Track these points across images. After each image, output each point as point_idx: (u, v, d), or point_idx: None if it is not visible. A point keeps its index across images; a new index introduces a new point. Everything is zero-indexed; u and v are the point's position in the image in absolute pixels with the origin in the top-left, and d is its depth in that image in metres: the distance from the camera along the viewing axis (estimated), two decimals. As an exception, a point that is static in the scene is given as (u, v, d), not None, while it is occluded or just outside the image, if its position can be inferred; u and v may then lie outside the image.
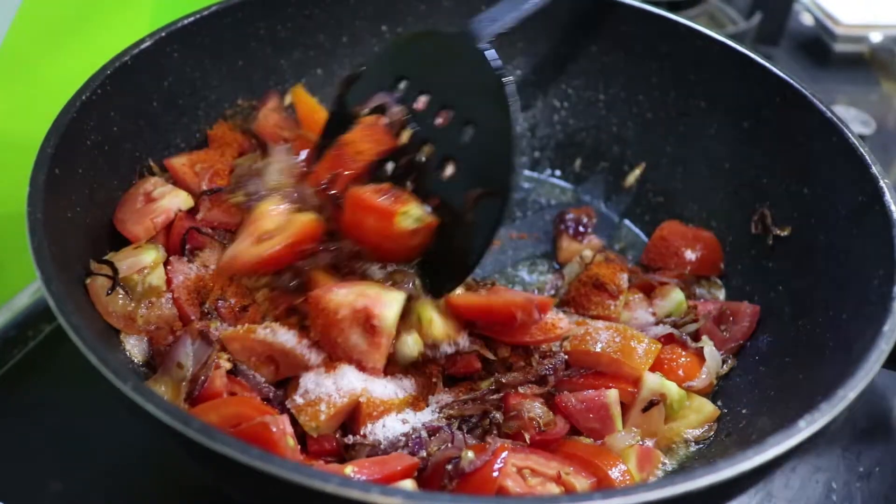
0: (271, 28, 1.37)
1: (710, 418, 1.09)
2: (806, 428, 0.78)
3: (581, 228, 1.39)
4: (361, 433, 0.99)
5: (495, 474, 0.91)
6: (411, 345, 1.04)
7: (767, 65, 1.25)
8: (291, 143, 1.27)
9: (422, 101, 1.11)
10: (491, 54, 1.05)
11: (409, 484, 0.93)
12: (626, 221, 1.47)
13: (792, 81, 1.21)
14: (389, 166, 1.13)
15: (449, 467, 0.93)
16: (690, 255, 1.30)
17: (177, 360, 0.98)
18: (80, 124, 1.05)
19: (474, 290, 1.14)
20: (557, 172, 1.54)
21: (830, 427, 0.80)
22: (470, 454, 0.94)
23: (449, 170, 1.08)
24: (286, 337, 1.01)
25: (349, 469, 0.91)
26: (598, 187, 1.51)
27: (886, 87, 2.03)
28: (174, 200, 1.16)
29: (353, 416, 1.00)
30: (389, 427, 1.00)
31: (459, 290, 1.09)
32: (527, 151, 1.55)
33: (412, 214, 1.05)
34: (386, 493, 0.69)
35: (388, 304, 1.01)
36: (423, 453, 0.98)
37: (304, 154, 1.21)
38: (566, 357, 1.10)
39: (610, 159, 1.49)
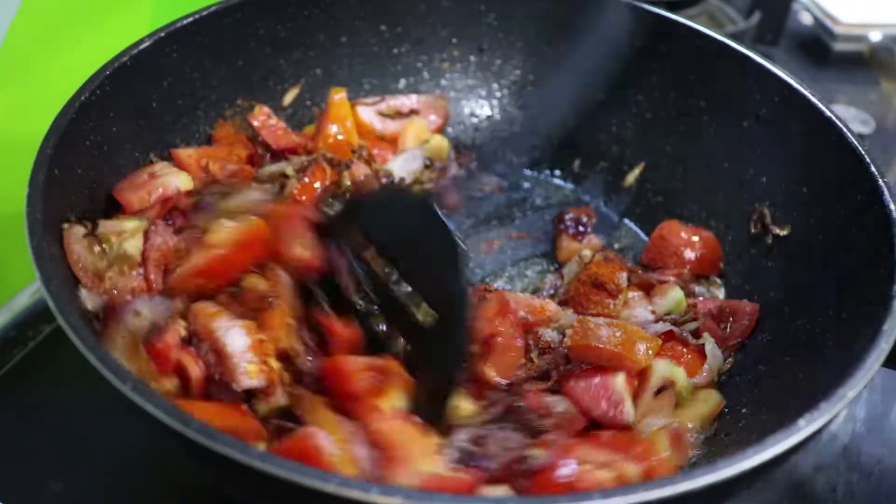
0: (271, 28, 1.37)
1: (718, 408, 1.09)
2: (806, 427, 0.78)
3: (580, 228, 1.39)
4: None
5: (568, 469, 0.91)
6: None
7: (767, 64, 1.25)
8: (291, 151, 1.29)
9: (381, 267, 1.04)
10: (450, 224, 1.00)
11: (502, 490, 0.91)
12: (626, 221, 1.47)
13: (791, 81, 1.22)
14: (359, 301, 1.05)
15: (519, 467, 0.93)
16: (690, 254, 1.30)
17: (134, 308, 0.96)
18: (80, 125, 1.05)
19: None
20: (557, 172, 1.54)
21: (830, 426, 0.80)
22: (537, 451, 0.94)
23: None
24: (235, 340, 0.94)
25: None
26: (597, 187, 1.51)
27: (886, 87, 2.03)
28: (174, 179, 1.16)
29: None
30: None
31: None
32: (526, 151, 1.55)
33: (391, 404, 0.97)
34: (386, 493, 0.69)
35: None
36: (486, 463, 0.94)
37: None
38: (566, 351, 1.10)
39: (609, 159, 1.49)
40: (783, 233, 1.22)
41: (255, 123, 1.33)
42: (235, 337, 0.96)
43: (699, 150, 1.38)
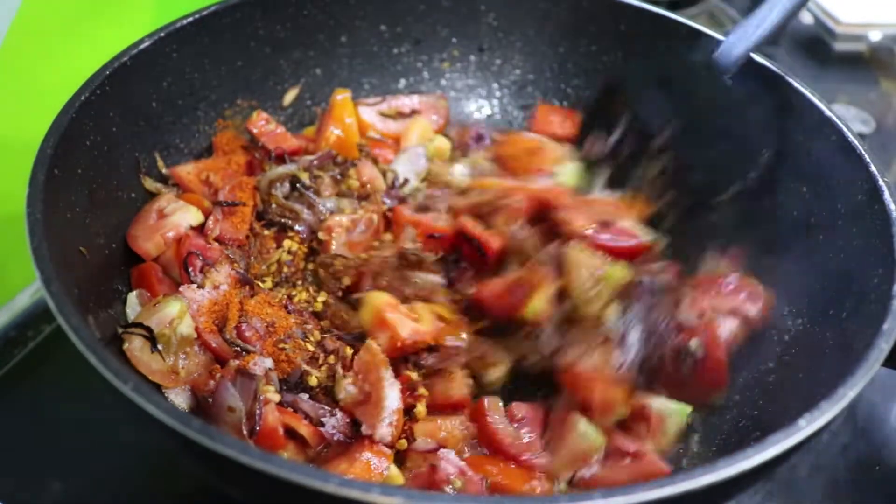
0: (270, 28, 1.37)
1: None
2: (806, 427, 0.78)
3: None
4: None
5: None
6: None
7: (767, 64, 1.25)
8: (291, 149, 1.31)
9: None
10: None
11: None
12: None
13: (792, 80, 1.21)
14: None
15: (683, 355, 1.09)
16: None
17: (226, 405, 0.96)
18: (80, 124, 1.05)
19: None
20: (557, 172, 1.54)
21: (831, 425, 0.80)
22: (695, 341, 1.09)
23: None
24: (393, 398, 1.02)
25: None
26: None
27: (886, 86, 2.03)
28: (184, 217, 1.17)
29: None
30: None
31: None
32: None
33: (534, 308, 1.10)
34: (386, 493, 0.69)
35: None
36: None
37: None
38: None
39: (609, 158, 1.49)
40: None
41: (254, 130, 1.32)
42: (394, 396, 1.02)
43: (698, 149, 1.37)
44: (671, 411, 1.08)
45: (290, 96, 1.44)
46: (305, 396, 1.03)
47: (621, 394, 1.05)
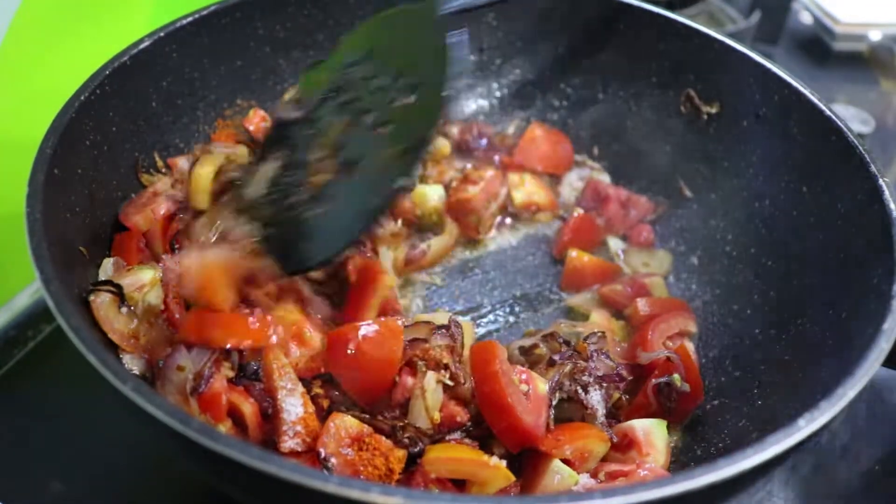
0: (270, 28, 1.37)
1: None
2: (805, 426, 0.78)
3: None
4: None
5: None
6: None
7: (766, 63, 1.25)
8: None
9: (369, 69, 1.14)
10: (443, 19, 1.09)
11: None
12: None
13: (791, 80, 1.21)
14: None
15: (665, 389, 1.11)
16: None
17: (175, 365, 0.97)
18: (79, 124, 1.05)
19: None
20: (557, 172, 1.54)
21: (830, 425, 0.80)
22: (677, 375, 1.11)
23: (381, 130, 1.08)
24: (292, 408, 0.97)
25: None
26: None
27: (885, 86, 2.04)
28: (177, 194, 1.18)
29: None
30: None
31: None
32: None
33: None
34: (386, 493, 0.69)
35: None
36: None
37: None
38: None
39: (609, 159, 1.49)
40: (713, 110, 1.25)
41: (251, 128, 1.33)
42: (293, 403, 0.97)
43: (699, 149, 1.38)
44: (653, 426, 1.07)
45: (289, 96, 1.44)
46: (258, 386, 1.01)
47: (596, 439, 1.03)
